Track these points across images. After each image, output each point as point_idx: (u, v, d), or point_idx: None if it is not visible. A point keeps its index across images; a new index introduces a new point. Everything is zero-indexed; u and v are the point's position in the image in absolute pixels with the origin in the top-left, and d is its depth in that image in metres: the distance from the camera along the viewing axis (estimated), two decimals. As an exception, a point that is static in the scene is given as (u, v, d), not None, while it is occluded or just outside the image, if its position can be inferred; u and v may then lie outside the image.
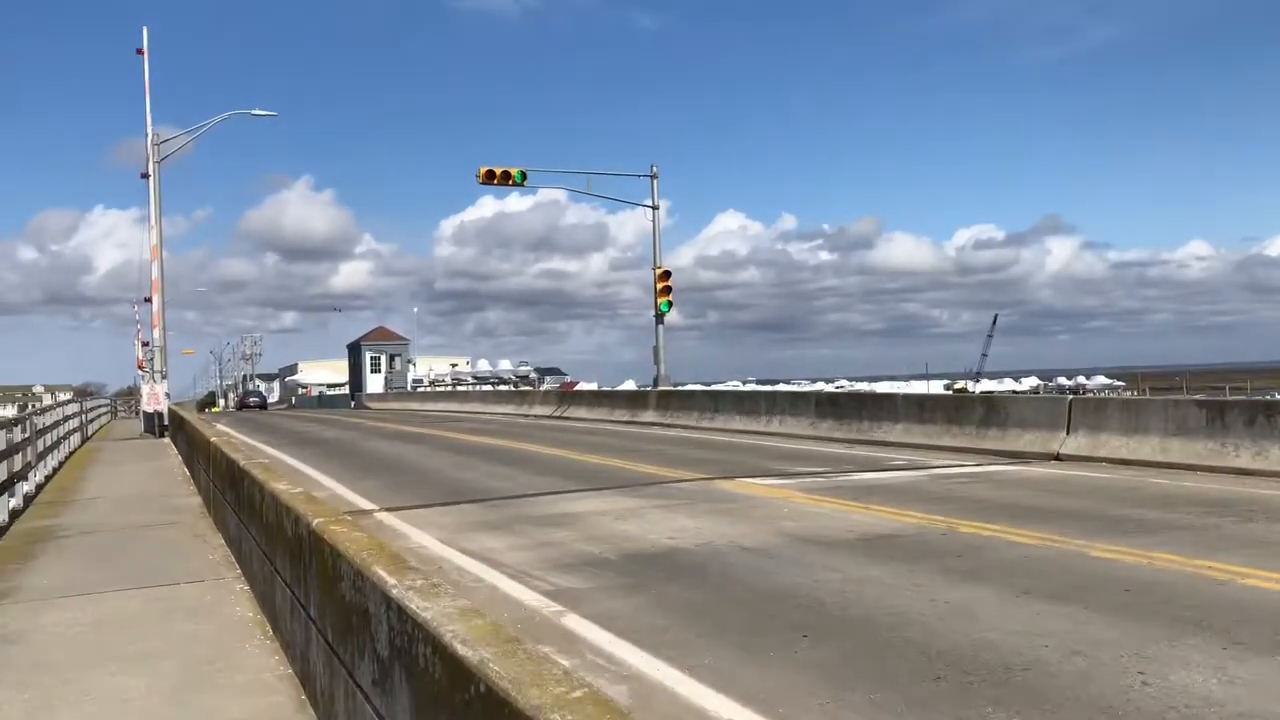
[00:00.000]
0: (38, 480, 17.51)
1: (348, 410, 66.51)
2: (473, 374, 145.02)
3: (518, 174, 32.30)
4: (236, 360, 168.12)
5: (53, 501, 15.70)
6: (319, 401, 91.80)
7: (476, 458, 20.08)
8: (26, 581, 9.26)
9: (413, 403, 60.02)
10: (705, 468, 16.49)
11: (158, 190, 32.45)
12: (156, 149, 32.76)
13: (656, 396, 30.69)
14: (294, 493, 6.58)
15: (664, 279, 33.09)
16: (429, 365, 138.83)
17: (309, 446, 25.37)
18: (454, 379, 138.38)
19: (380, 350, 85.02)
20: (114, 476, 19.74)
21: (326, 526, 5.05)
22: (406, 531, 11.23)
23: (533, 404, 40.51)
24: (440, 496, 14.13)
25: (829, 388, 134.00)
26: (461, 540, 10.44)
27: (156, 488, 17.08)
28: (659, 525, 10.94)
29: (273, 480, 7.37)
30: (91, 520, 13.27)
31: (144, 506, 14.59)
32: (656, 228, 33.53)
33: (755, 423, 24.84)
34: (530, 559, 9.35)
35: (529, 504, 12.98)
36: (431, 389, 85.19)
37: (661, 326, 33.33)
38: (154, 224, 32.59)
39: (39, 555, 10.74)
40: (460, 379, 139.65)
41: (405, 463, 19.69)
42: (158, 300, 32.83)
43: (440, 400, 56.14)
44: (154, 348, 33.31)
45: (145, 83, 32.98)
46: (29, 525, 13.03)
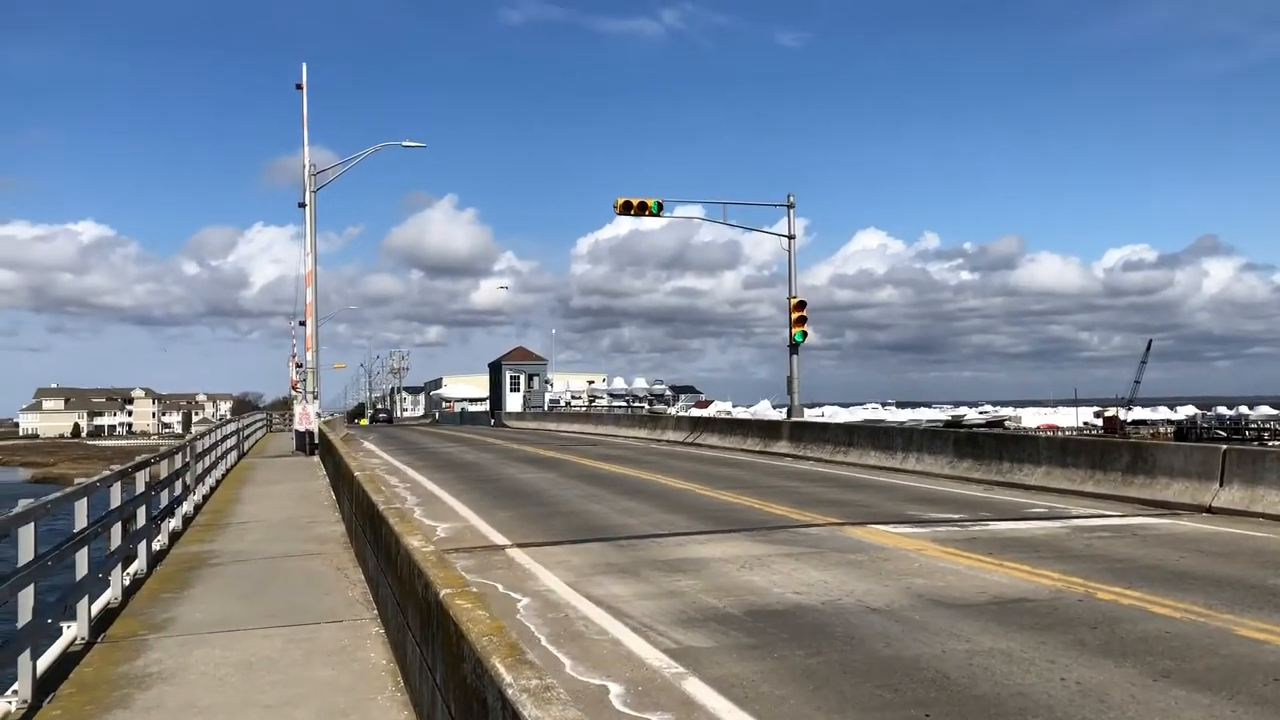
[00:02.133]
0: (196, 500, 18.55)
1: (487, 428, 68.07)
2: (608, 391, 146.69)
3: (654, 204, 32.65)
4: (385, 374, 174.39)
5: (209, 524, 16.58)
6: (461, 418, 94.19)
7: (606, 489, 20.32)
8: (181, 613, 9.82)
9: (549, 423, 61.05)
10: (837, 510, 16.32)
11: (313, 219, 34.00)
12: (313, 179, 34.31)
13: (790, 427, 30.49)
14: (426, 551, 6.82)
15: (799, 309, 32.89)
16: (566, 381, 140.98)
17: (448, 470, 26.11)
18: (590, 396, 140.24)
19: (519, 370, 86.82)
20: (265, 498, 20.70)
21: (453, 601, 5.23)
22: (536, 571, 11.47)
23: (665, 429, 40.72)
24: (570, 532, 14.37)
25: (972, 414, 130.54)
26: (588, 585, 10.60)
27: (304, 512, 17.85)
28: (786, 577, 10.89)
29: (408, 533, 7.65)
30: (242, 547, 13.97)
31: (291, 533, 15.28)
32: (792, 258, 33.39)
33: (891, 459, 24.41)
34: (655, 610, 9.43)
35: (656, 546, 13.08)
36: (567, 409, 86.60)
37: (796, 357, 33.12)
38: (309, 251, 34.13)
39: (194, 584, 11.37)
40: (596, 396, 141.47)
41: (538, 492, 20.07)
42: (311, 324, 34.35)
43: (575, 422, 56.95)
44: (306, 369, 34.84)
45: (304, 117, 34.66)
46: (186, 550, 13.81)
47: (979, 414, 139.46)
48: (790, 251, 33.57)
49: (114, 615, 9.78)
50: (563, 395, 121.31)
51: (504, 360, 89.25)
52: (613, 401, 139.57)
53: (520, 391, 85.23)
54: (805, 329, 33.00)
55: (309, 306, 34.75)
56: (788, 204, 34.01)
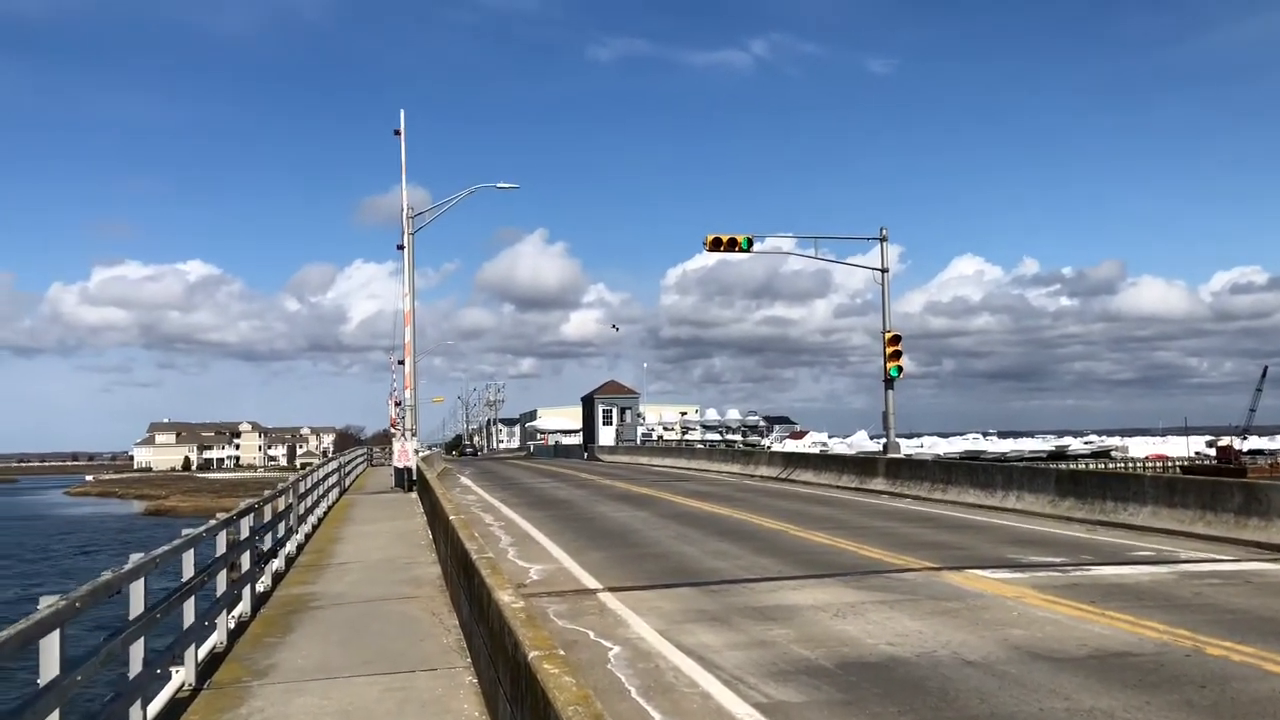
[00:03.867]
0: (299, 540, 19.03)
1: (581, 462, 68.50)
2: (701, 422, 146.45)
3: (744, 240, 32.68)
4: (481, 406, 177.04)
5: (310, 565, 17.00)
6: (555, 451, 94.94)
7: (698, 529, 20.28)
8: (283, 659, 10.09)
9: (641, 457, 61.17)
10: (933, 553, 16.03)
11: (411, 261, 34.85)
12: (410, 222, 35.18)
13: (886, 464, 30.07)
14: (516, 607, 6.91)
15: (894, 343, 32.50)
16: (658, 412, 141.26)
17: (542, 508, 26.36)
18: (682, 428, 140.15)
19: (611, 404, 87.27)
20: (364, 537, 21.15)
21: (541, 664, 5.30)
22: (627, 618, 11.50)
23: (757, 465, 40.49)
24: (661, 576, 14.38)
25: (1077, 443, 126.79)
26: (679, 633, 10.60)
27: (401, 553, 18.19)
28: (880, 626, 10.73)
29: (500, 586, 7.77)
30: (341, 590, 14.29)
31: (388, 575, 15.58)
32: (886, 291, 33.04)
33: (990, 497, 23.91)
34: (745, 661, 9.39)
35: (748, 591, 13.01)
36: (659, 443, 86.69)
37: (891, 392, 32.69)
38: (407, 291, 34.94)
39: (295, 628, 11.67)
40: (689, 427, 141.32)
41: (630, 532, 20.13)
42: (409, 363, 35.10)
43: (667, 456, 56.97)
44: (405, 407, 35.57)
45: (402, 162, 35.66)
46: (288, 592, 14.18)
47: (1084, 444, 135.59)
48: (884, 285, 33.24)
49: (219, 660, 10.09)
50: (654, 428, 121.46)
51: (596, 394, 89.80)
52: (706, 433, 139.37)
53: (613, 425, 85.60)
54: (900, 363, 32.58)
55: (407, 346, 35.52)
56: (880, 237, 33.70)
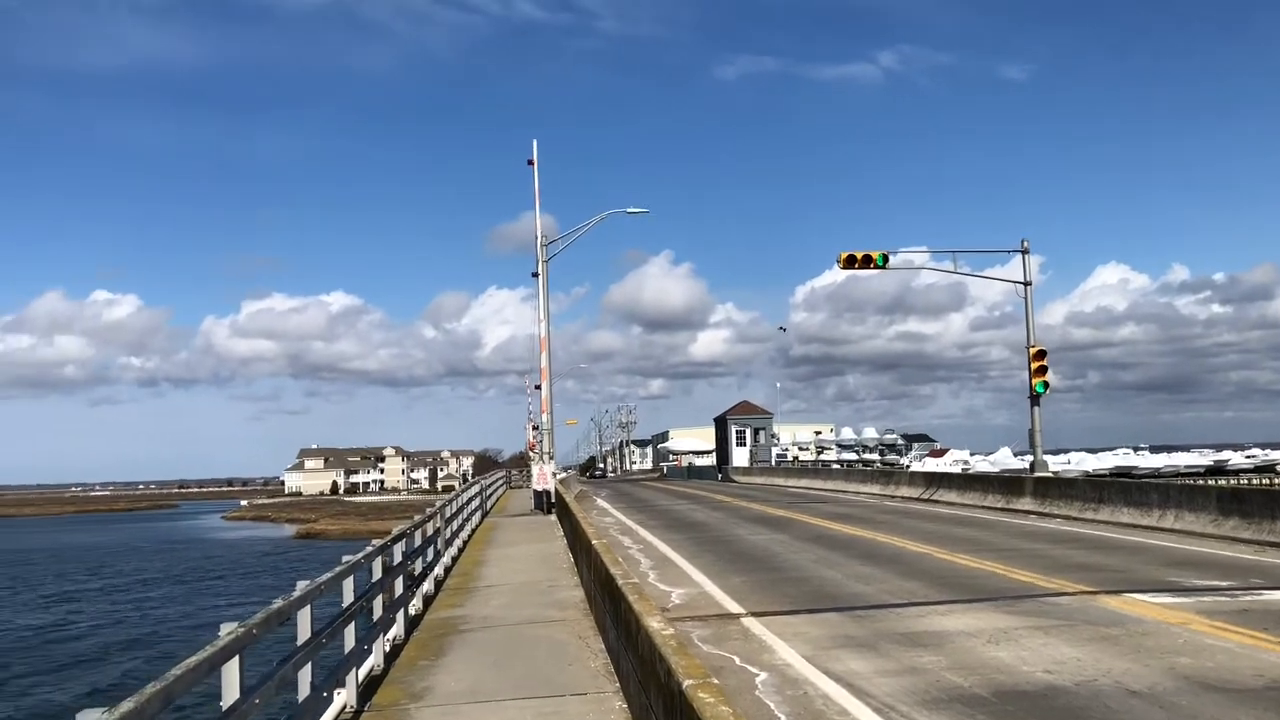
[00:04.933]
0: (446, 563, 19.54)
1: (715, 483, 68.36)
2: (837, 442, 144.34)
3: (879, 256, 32.19)
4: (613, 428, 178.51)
5: (458, 588, 17.42)
6: (689, 473, 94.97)
7: (840, 552, 20.01)
8: (437, 682, 10.36)
9: (776, 478, 60.69)
10: (1088, 576, 15.45)
11: (545, 288, 35.49)
12: (544, 249, 35.84)
13: (1034, 483, 29.12)
14: (666, 635, 6.95)
15: (1039, 358, 31.48)
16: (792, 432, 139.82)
17: (680, 530, 26.41)
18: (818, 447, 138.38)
19: (744, 424, 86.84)
20: (507, 560, 21.55)
21: (695, 693, 5.33)
22: (773, 644, 11.42)
23: (898, 485, 39.71)
24: (805, 601, 14.24)
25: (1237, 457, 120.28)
26: (826, 659, 10.47)
27: (544, 576, 18.47)
28: (1035, 654, 10.39)
29: (648, 613, 7.82)
30: (489, 613, 14.59)
31: (533, 598, 15.84)
32: (1029, 305, 32.06)
33: (1145, 516, 22.91)
34: (896, 689, 9.22)
35: (894, 616, 12.77)
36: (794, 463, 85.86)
37: (1038, 408, 31.66)
38: (542, 318, 35.58)
39: (447, 651, 11.98)
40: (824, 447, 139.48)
41: (770, 555, 19.99)
42: (546, 388, 35.69)
43: (803, 477, 56.37)
44: (542, 431, 36.16)
45: (535, 191, 36.32)
46: (438, 615, 14.56)
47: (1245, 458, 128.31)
48: (1027, 299, 32.26)
49: (377, 683, 10.42)
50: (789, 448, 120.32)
51: (729, 414, 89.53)
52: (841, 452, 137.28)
53: (747, 446, 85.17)
54: (1046, 379, 31.53)
55: (543, 371, 36.15)
56: (1021, 249, 32.75)
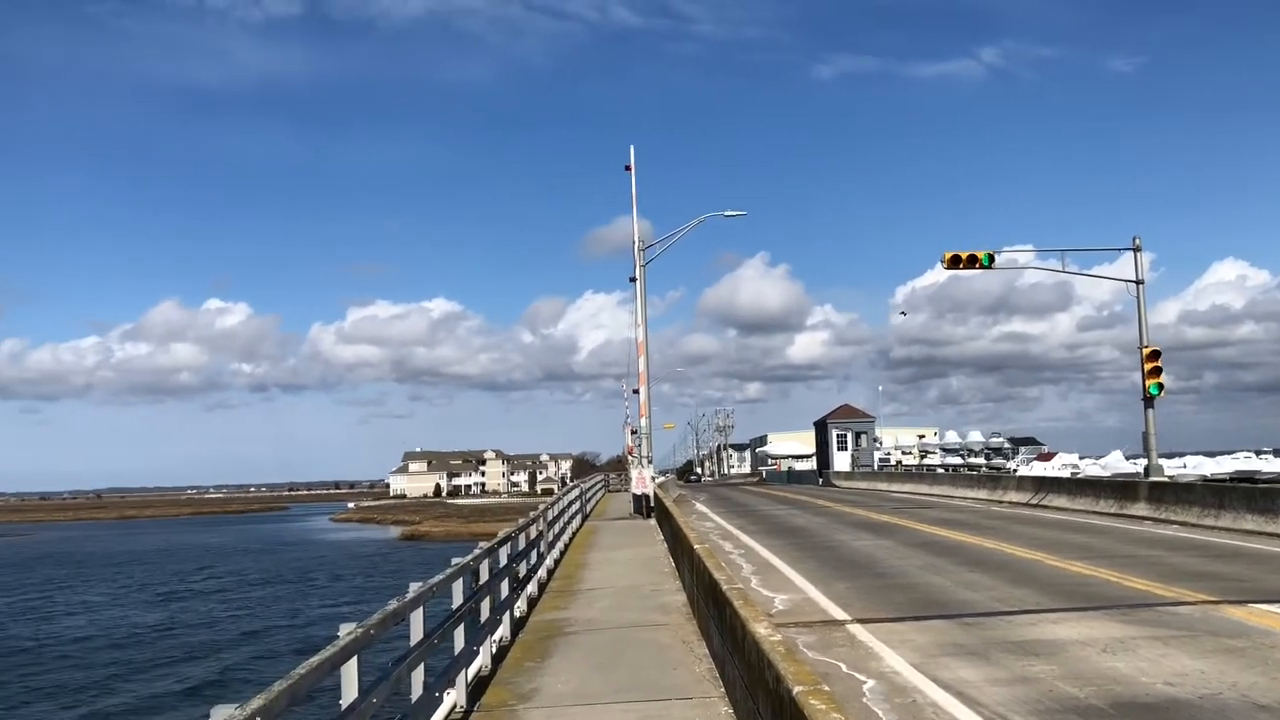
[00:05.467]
0: (549, 565, 19.74)
1: (815, 488, 67.74)
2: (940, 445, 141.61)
3: (984, 256, 31.55)
4: (711, 431, 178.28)
5: (561, 590, 17.59)
6: (788, 477, 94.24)
7: (945, 558, 19.65)
8: (544, 684, 10.47)
9: (879, 483, 59.86)
10: (1209, 585, 14.89)
11: (643, 293, 35.62)
12: (641, 254, 35.99)
13: (1148, 488, 28.18)
14: (774, 640, 6.92)
15: (1152, 359, 30.46)
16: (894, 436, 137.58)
17: (781, 536, 26.24)
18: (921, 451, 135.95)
19: (845, 428, 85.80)
20: (608, 564, 21.68)
21: (806, 700, 5.29)
22: (879, 651, 11.28)
23: (1005, 490, 38.81)
24: (911, 608, 14.03)
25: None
26: (934, 667, 10.30)
27: (646, 580, 18.53)
28: (1154, 664, 10.07)
29: (754, 619, 7.80)
30: (592, 616, 14.70)
31: (636, 602, 15.90)
32: (1141, 305, 31.04)
33: (1270, 523, 21.99)
34: (1009, 698, 9.02)
35: (1004, 624, 12.49)
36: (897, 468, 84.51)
37: (1152, 411, 30.64)
38: (640, 323, 35.75)
39: (552, 653, 12.10)
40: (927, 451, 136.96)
41: (874, 561, 19.74)
42: (644, 392, 35.82)
43: (906, 481, 55.49)
44: (641, 435, 36.29)
45: (632, 197, 36.48)
46: (543, 617, 14.72)
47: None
48: (1139, 298, 31.25)
49: (485, 683, 10.58)
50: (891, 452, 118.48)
51: (829, 418, 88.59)
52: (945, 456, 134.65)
53: (848, 450, 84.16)
54: (1160, 380, 30.50)
55: (641, 375, 36.28)
56: (1133, 247, 31.75)
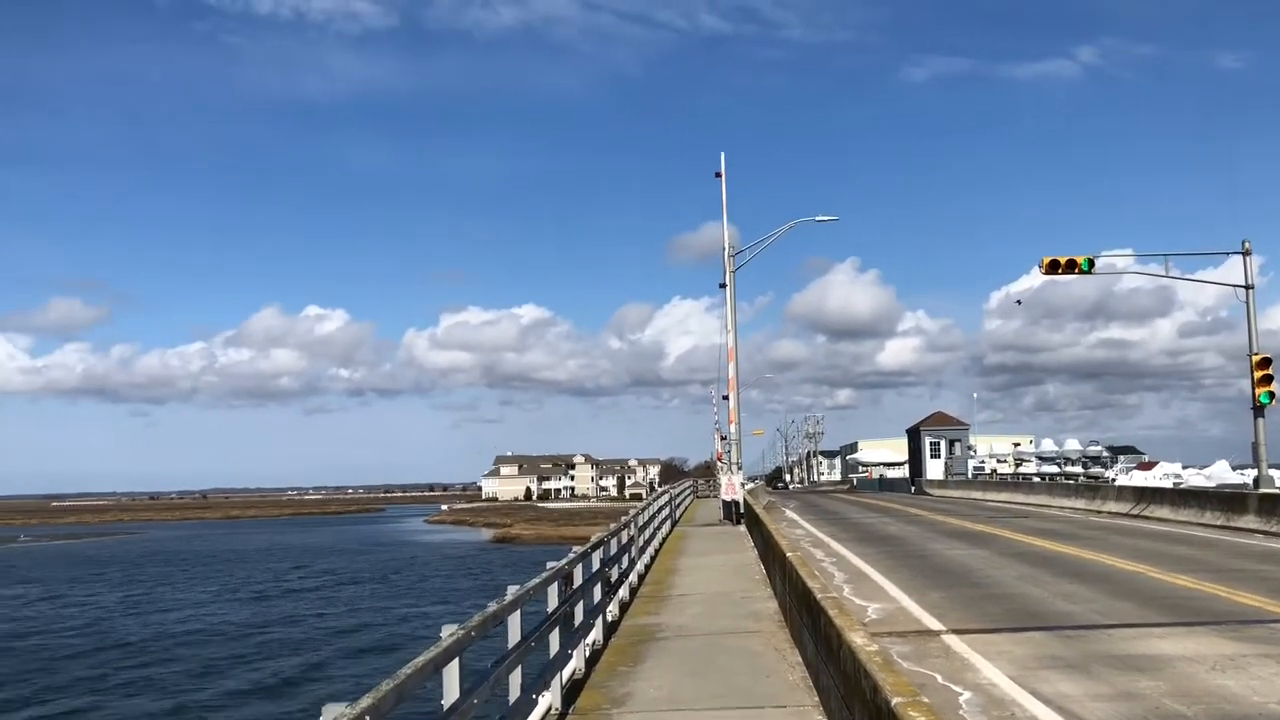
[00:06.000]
0: (639, 571, 19.84)
1: (908, 496, 66.79)
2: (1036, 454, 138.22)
3: (1084, 261, 30.78)
4: (800, 438, 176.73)
5: (651, 596, 17.67)
6: (879, 484, 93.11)
7: (1043, 568, 19.24)
8: (636, 688, 10.55)
9: (973, 491, 58.77)
10: (1323, 602, 14.33)
11: (733, 299, 35.60)
12: (731, 260, 35.97)
13: (1258, 500, 27.19)
14: (870, 650, 6.89)
15: (1263, 367, 29.37)
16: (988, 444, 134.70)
17: (873, 544, 25.96)
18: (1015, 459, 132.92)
19: (939, 436, 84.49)
20: (698, 570, 21.71)
21: (905, 711, 5.27)
22: (976, 662, 11.12)
23: (1105, 499, 37.79)
24: (1007, 619, 13.78)
25: None
26: (1033, 680, 10.12)
27: (736, 587, 18.52)
28: (1268, 684, 9.74)
29: (850, 628, 7.77)
30: (683, 622, 14.75)
31: (727, 609, 15.91)
32: (1251, 310, 29.95)
33: (1389, 538, 21.05)
34: (1112, 714, 8.82)
35: (1105, 638, 12.20)
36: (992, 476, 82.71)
37: (1262, 420, 29.57)
38: (729, 329, 35.71)
39: (644, 658, 12.18)
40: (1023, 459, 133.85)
41: (969, 571, 19.42)
42: (733, 398, 35.76)
43: (1001, 490, 54.37)
44: (730, 442, 36.26)
45: (722, 203, 36.49)
46: (634, 622, 14.82)
47: None
48: (1249, 303, 30.17)
49: (579, 687, 10.70)
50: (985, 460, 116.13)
51: (922, 425, 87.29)
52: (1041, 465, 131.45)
53: (941, 458, 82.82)
54: (1271, 388, 29.40)
55: (730, 381, 36.22)
56: (1243, 250, 30.67)
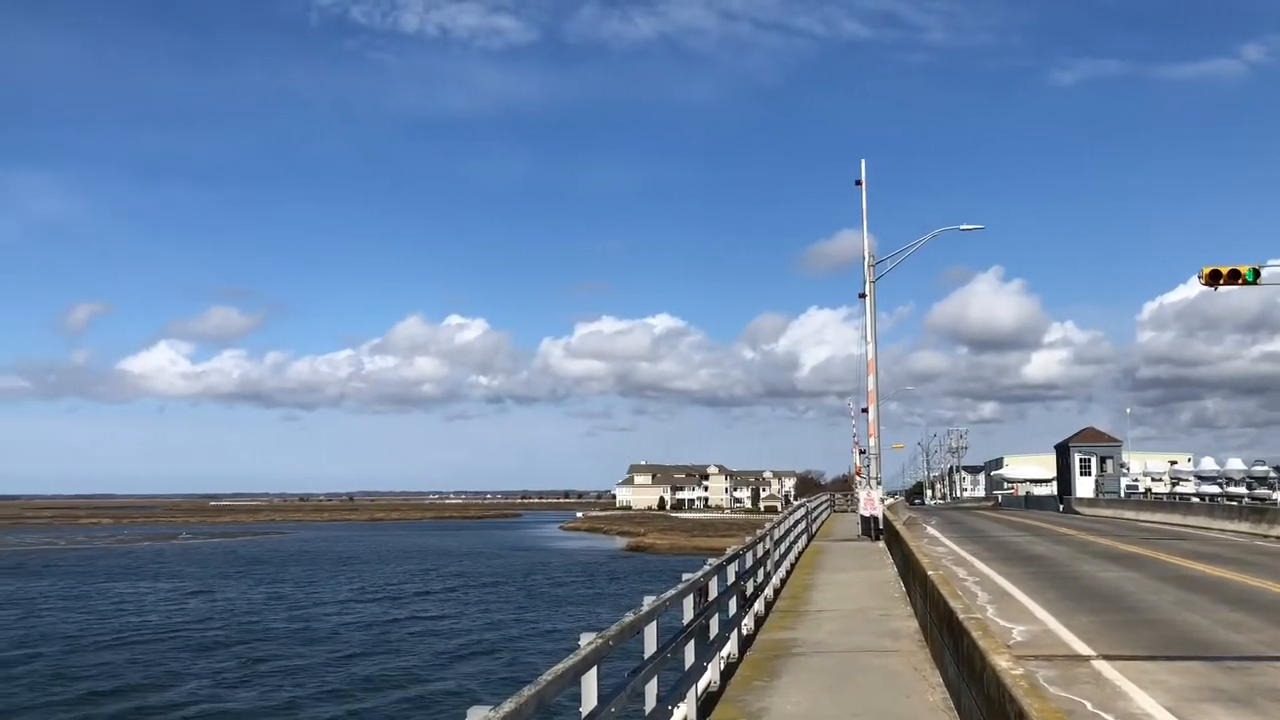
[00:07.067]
0: (775, 585, 19.68)
1: (1056, 515, 64.49)
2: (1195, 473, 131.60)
3: (1248, 271, 29.11)
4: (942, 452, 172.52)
5: (787, 610, 17.51)
6: (1025, 502, 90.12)
7: (1203, 594, 18.29)
8: (773, 704, 10.47)
9: (1126, 511, 56.33)
10: None
11: (873, 310, 35.02)
12: (871, 269, 35.41)
13: None
14: (1016, 675, 6.68)
15: None
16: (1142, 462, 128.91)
17: (1018, 564, 25.14)
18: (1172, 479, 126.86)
19: (1089, 452, 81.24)
20: (835, 586, 21.40)
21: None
22: (1128, 691, 10.64)
23: (1273, 523, 35.67)
24: (1163, 646, 13.16)
25: None
26: (1191, 712, 9.63)
27: (874, 604, 18.19)
28: None
29: (994, 650, 7.55)
30: (820, 638, 14.56)
31: (864, 626, 15.64)
32: None
33: None
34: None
35: (1273, 670, 11.52)
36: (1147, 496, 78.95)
37: None
38: (869, 340, 35.14)
39: (781, 673, 12.07)
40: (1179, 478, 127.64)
41: (1121, 594, 18.61)
42: (873, 411, 35.16)
43: (1156, 511, 51.95)
44: (869, 456, 35.63)
45: (863, 211, 35.99)
46: (770, 637, 14.70)
47: None
48: None
49: (714, 699, 10.68)
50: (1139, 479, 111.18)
51: (1071, 441, 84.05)
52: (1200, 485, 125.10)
53: (1091, 475, 79.62)
54: None
55: (870, 393, 35.63)
56: None
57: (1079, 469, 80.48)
